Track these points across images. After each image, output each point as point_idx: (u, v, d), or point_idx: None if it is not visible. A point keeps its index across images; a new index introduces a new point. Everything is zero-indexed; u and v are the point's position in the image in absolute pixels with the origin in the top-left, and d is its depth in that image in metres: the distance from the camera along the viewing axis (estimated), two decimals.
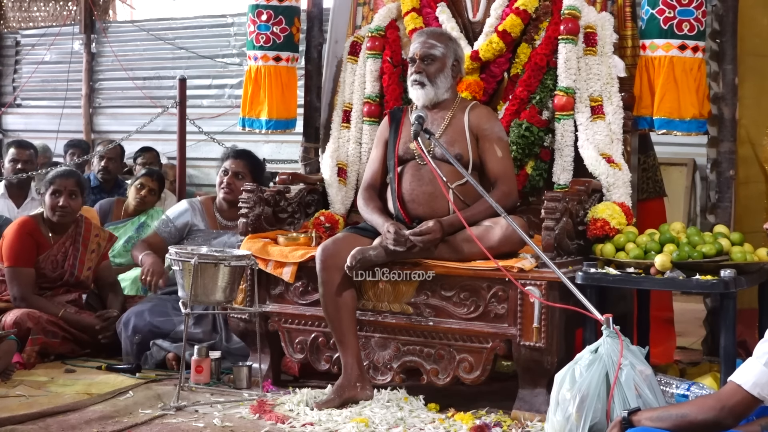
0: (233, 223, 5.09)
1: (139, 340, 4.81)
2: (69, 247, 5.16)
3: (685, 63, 4.48)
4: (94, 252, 5.22)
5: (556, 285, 3.86)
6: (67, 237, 5.17)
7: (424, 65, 4.33)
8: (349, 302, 4.18)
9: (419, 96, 4.35)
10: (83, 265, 5.17)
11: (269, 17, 5.22)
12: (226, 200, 5.24)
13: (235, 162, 5.25)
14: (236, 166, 5.23)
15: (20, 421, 3.81)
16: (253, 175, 5.22)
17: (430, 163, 4.13)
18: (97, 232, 5.30)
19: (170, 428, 3.80)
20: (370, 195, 4.45)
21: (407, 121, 4.37)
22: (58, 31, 11.49)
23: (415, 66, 4.35)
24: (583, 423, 3.18)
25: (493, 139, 4.30)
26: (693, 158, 8.20)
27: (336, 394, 4.09)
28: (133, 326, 4.84)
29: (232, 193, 5.17)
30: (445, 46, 4.37)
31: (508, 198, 4.22)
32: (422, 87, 4.33)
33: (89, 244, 5.21)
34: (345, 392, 4.09)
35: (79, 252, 5.17)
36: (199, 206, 5.30)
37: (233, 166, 5.23)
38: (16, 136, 10.59)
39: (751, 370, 2.65)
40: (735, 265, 3.83)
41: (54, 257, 5.11)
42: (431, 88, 4.33)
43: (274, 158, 9.29)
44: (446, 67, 4.36)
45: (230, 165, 5.23)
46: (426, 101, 4.35)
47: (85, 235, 5.22)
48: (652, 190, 4.96)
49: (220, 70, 10.60)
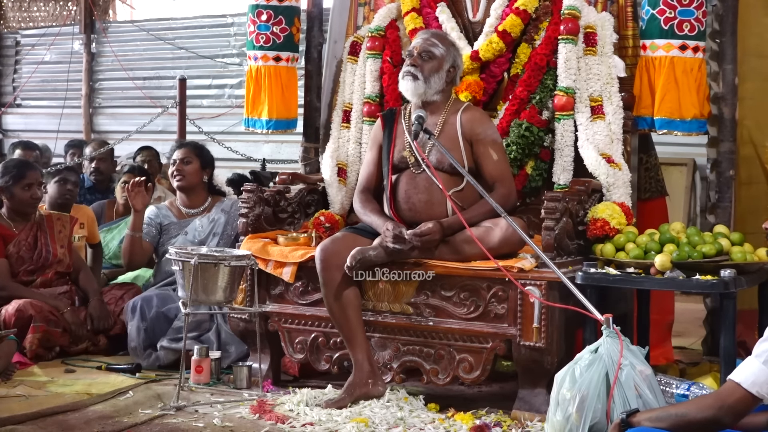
0: (196, 210, 5.32)
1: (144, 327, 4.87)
2: (36, 231, 5.26)
3: (686, 63, 4.48)
4: (61, 232, 5.33)
5: (556, 285, 3.86)
6: (31, 224, 5.27)
7: (420, 60, 4.31)
8: (353, 300, 4.17)
9: (408, 88, 4.30)
10: (55, 244, 5.26)
11: (269, 17, 5.22)
12: (180, 188, 5.34)
13: (180, 151, 5.35)
14: (181, 154, 5.32)
15: (20, 421, 3.81)
16: (200, 159, 5.32)
17: (432, 170, 4.11)
18: (58, 216, 5.43)
19: (170, 428, 3.80)
20: (367, 197, 4.44)
21: (401, 126, 4.35)
22: (58, 31, 11.50)
23: (412, 59, 4.33)
24: (583, 423, 3.18)
25: (488, 142, 4.28)
26: (693, 158, 8.21)
27: (347, 393, 4.08)
28: (140, 312, 4.90)
29: (183, 179, 5.29)
30: (446, 50, 4.36)
31: (508, 200, 4.21)
32: (414, 80, 4.29)
33: (54, 225, 5.33)
34: (356, 390, 4.08)
35: (47, 233, 5.27)
36: (164, 204, 5.45)
37: (179, 155, 5.33)
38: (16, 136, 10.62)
39: (750, 368, 2.65)
40: (735, 265, 3.83)
41: (25, 241, 5.20)
42: (423, 83, 4.29)
43: (274, 158, 9.29)
44: (442, 69, 4.33)
45: (176, 155, 5.34)
46: (415, 95, 4.30)
47: (47, 219, 5.34)
48: (654, 190, 4.96)
49: (220, 70, 10.61)
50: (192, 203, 5.32)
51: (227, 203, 5.31)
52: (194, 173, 5.29)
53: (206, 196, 5.37)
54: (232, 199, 5.41)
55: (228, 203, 5.31)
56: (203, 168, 5.33)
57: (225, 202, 5.32)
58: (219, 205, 5.29)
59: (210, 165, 5.39)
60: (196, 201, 5.33)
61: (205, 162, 5.35)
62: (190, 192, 5.30)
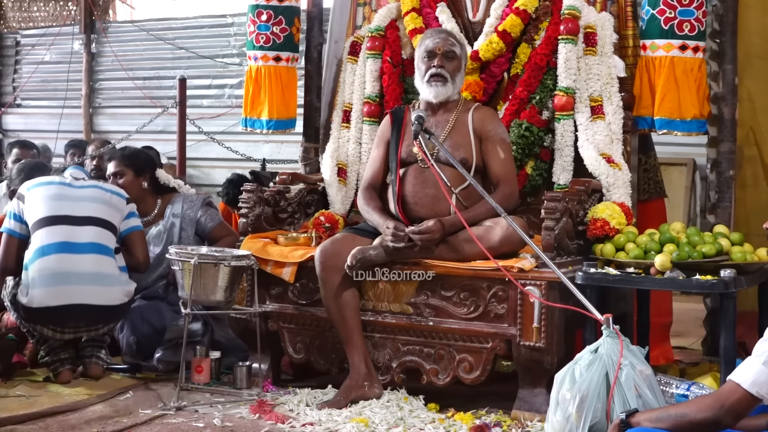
0: (150, 217, 5.13)
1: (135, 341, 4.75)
2: None
3: (686, 63, 4.48)
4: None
5: (556, 285, 3.86)
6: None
7: (445, 61, 4.31)
8: (351, 301, 4.18)
9: (438, 93, 4.31)
10: None
11: (269, 17, 5.23)
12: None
13: (110, 164, 5.20)
14: (112, 168, 5.16)
15: (20, 421, 3.81)
16: (133, 168, 5.13)
17: (434, 168, 4.12)
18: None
19: (170, 428, 3.80)
20: (371, 194, 4.45)
21: (409, 122, 4.37)
22: (58, 31, 11.49)
23: (437, 59, 4.31)
24: (583, 423, 3.18)
25: (497, 140, 4.30)
26: (693, 158, 8.21)
27: (342, 395, 4.08)
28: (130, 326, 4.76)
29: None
30: (462, 48, 4.40)
31: (510, 199, 4.22)
32: (444, 83, 4.30)
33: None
34: (352, 393, 4.08)
35: None
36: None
37: (110, 169, 5.17)
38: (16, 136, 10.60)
39: (750, 368, 2.65)
40: (735, 265, 3.83)
41: None
42: (451, 85, 4.32)
43: (274, 158, 9.29)
44: (462, 68, 4.37)
45: (108, 170, 5.19)
46: (443, 98, 4.32)
47: None
48: (653, 191, 4.95)
49: (220, 70, 10.61)
50: (141, 211, 5.05)
51: (177, 205, 5.13)
52: (131, 185, 5.06)
53: (155, 200, 5.17)
54: (182, 195, 5.21)
55: (178, 205, 5.13)
56: (138, 175, 5.12)
57: (176, 204, 5.14)
58: (170, 207, 5.13)
59: (145, 169, 5.16)
60: (145, 208, 5.10)
61: (138, 169, 5.13)
62: (136, 202, 4.99)
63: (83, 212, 4.57)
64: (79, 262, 4.46)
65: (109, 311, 4.51)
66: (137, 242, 4.80)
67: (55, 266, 4.41)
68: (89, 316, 4.47)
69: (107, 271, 4.52)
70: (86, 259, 4.47)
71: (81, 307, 4.42)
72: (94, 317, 4.49)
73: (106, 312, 4.50)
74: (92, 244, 4.52)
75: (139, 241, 4.81)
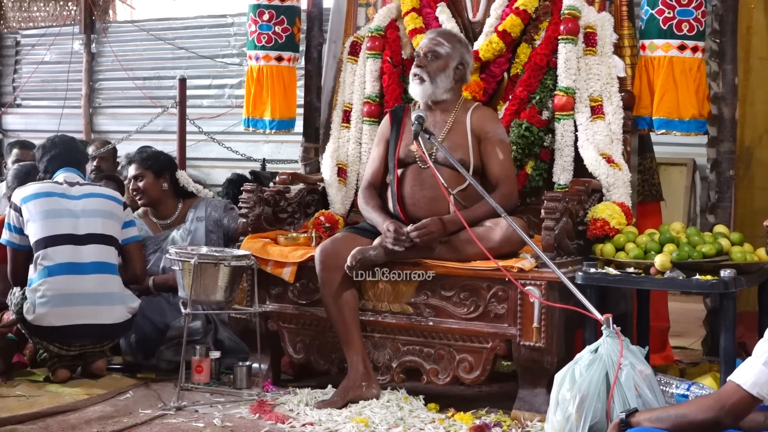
0: (168, 221, 5.18)
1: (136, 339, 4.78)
2: None
3: (685, 63, 4.47)
4: None
5: (556, 285, 3.86)
6: None
7: (426, 61, 4.33)
8: (350, 301, 4.18)
9: (416, 92, 4.35)
10: None
11: (271, 17, 5.22)
12: (145, 205, 5.22)
13: (130, 168, 5.22)
14: (133, 171, 5.19)
15: (20, 421, 3.81)
16: (152, 170, 5.16)
17: (432, 168, 4.12)
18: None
19: (170, 428, 3.80)
20: (371, 194, 4.45)
21: (408, 122, 4.37)
22: (58, 31, 11.49)
23: (418, 60, 4.35)
24: (583, 423, 3.18)
25: (495, 141, 4.30)
26: (693, 158, 8.20)
27: (339, 396, 4.08)
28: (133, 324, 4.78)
29: (143, 196, 5.16)
30: (452, 47, 4.37)
31: (509, 200, 4.22)
32: (421, 82, 4.32)
33: None
34: (349, 393, 4.08)
35: None
36: (139, 219, 5.21)
37: (131, 173, 5.20)
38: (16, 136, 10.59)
39: (751, 369, 2.65)
40: (735, 265, 3.83)
41: None
42: (430, 85, 4.32)
43: (274, 158, 9.28)
44: (448, 68, 4.35)
45: (129, 173, 5.22)
46: (423, 97, 4.34)
47: None
48: (648, 193, 4.93)
49: (220, 70, 10.61)
50: (162, 214, 5.16)
51: (201, 209, 5.17)
52: (151, 187, 5.13)
53: (175, 203, 5.21)
54: (205, 199, 5.26)
55: (202, 209, 5.16)
56: (158, 177, 5.15)
57: (199, 208, 5.18)
58: (192, 211, 5.16)
59: (165, 170, 5.20)
60: (165, 211, 5.18)
61: (158, 170, 5.16)
62: (157, 205, 5.13)
63: (84, 229, 4.57)
64: (84, 282, 4.49)
65: (115, 328, 4.57)
66: (135, 254, 4.80)
67: (60, 287, 4.44)
68: (95, 334, 4.53)
69: (111, 290, 4.55)
70: (91, 280, 4.50)
71: (87, 327, 4.47)
72: (99, 335, 4.54)
73: (111, 329, 4.56)
74: (96, 264, 4.54)
75: (136, 253, 4.81)
